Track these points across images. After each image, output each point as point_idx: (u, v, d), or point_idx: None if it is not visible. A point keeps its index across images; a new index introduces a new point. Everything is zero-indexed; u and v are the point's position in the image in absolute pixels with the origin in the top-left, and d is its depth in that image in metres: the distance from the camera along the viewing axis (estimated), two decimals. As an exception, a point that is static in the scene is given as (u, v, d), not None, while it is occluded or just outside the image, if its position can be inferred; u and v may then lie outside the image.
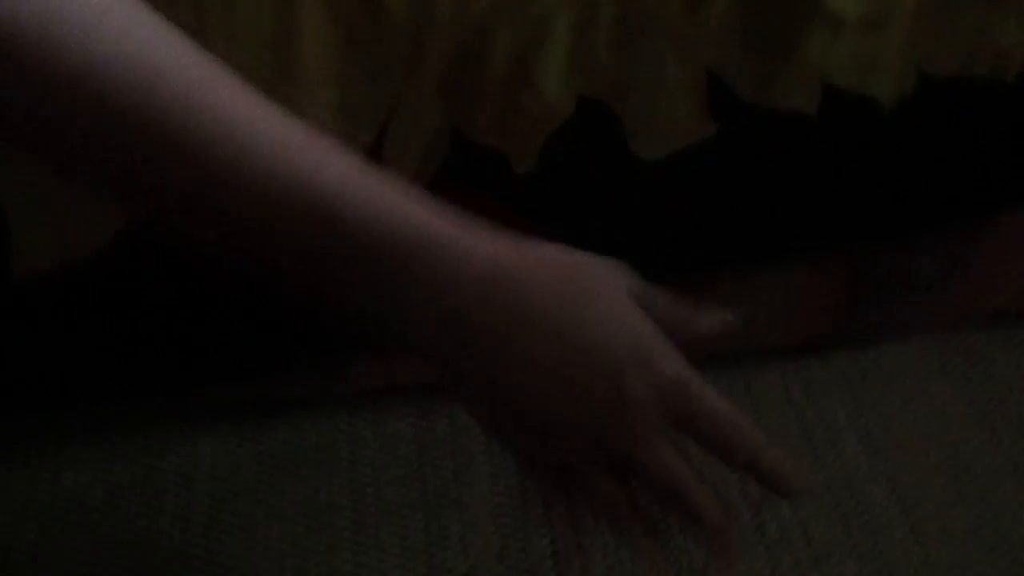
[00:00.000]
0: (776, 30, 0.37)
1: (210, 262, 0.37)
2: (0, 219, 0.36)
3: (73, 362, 0.42)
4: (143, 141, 0.24)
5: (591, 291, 0.28)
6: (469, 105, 0.37)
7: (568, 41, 0.36)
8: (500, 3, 0.34)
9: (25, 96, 0.24)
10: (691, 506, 0.29)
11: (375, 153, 0.37)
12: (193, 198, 0.25)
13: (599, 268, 0.29)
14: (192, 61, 0.25)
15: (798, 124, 0.39)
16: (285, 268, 0.27)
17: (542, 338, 0.27)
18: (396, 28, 0.34)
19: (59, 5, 0.24)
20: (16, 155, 0.32)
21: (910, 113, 0.40)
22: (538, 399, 0.28)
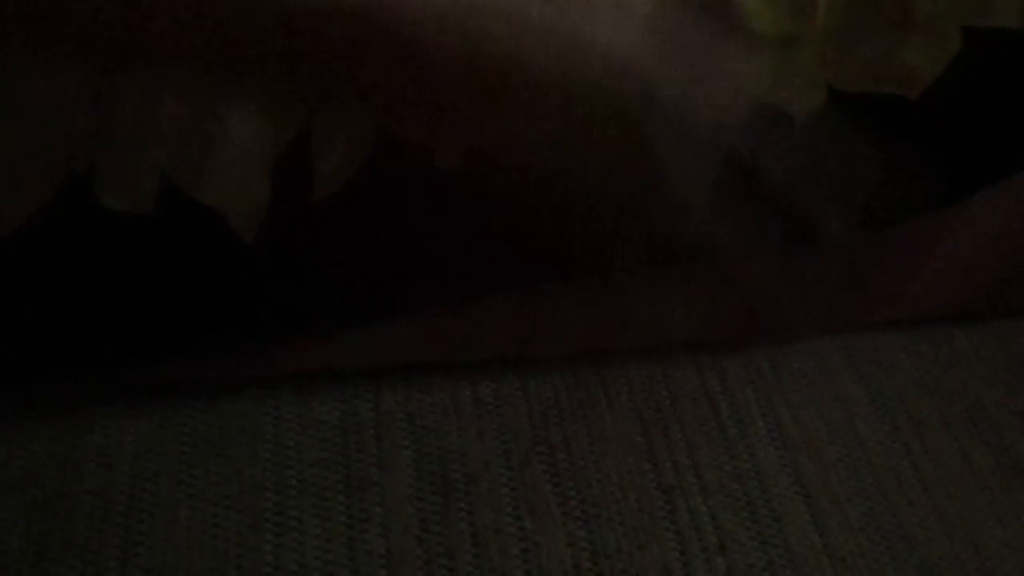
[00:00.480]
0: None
1: (135, 241, 0.38)
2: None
3: (-7, 340, 0.41)
4: None
5: None
6: (395, 101, 0.37)
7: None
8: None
9: None
10: None
11: (302, 145, 0.38)
12: None
13: None
14: None
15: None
16: None
17: None
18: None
19: None
20: None
21: (819, 125, 0.42)
22: None
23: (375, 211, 0.41)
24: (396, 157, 0.40)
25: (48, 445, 0.43)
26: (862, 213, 0.48)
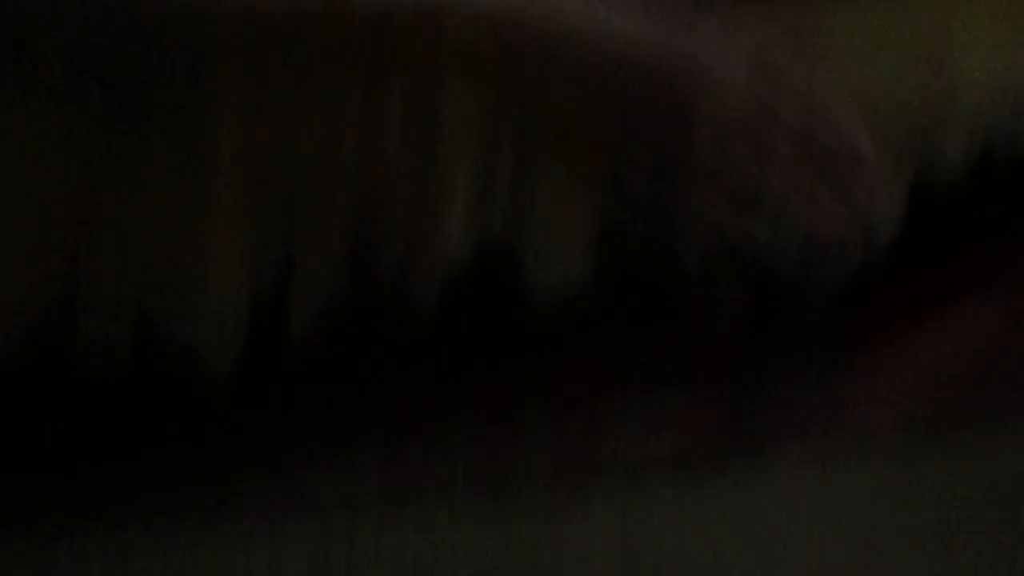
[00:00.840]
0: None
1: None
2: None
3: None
4: None
5: None
6: (373, 244, 0.38)
7: (470, 185, 0.37)
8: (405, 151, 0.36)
9: None
10: None
11: (282, 289, 0.38)
12: None
13: None
14: None
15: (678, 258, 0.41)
16: None
17: None
18: (303, 172, 0.35)
19: None
20: None
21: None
22: None
23: (353, 347, 0.41)
24: (373, 294, 0.40)
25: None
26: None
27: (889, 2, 0.43)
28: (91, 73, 0.32)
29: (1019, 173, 0.44)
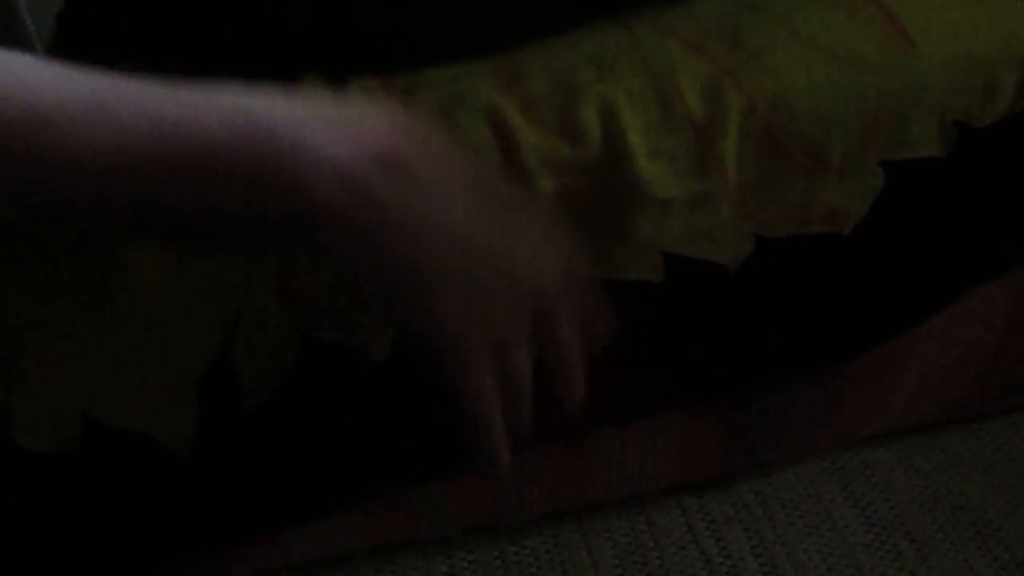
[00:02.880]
0: (607, 211, 0.38)
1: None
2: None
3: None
4: None
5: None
6: (311, 306, 0.37)
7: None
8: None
9: None
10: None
11: (225, 359, 0.37)
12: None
13: None
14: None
15: (645, 289, 0.40)
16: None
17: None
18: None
19: None
20: None
21: (756, 266, 0.41)
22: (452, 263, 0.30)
23: (313, 410, 0.40)
24: (324, 357, 0.39)
25: None
26: (820, 347, 0.46)
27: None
28: None
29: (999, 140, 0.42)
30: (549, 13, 0.39)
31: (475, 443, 0.33)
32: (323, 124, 0.30)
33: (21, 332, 0.35)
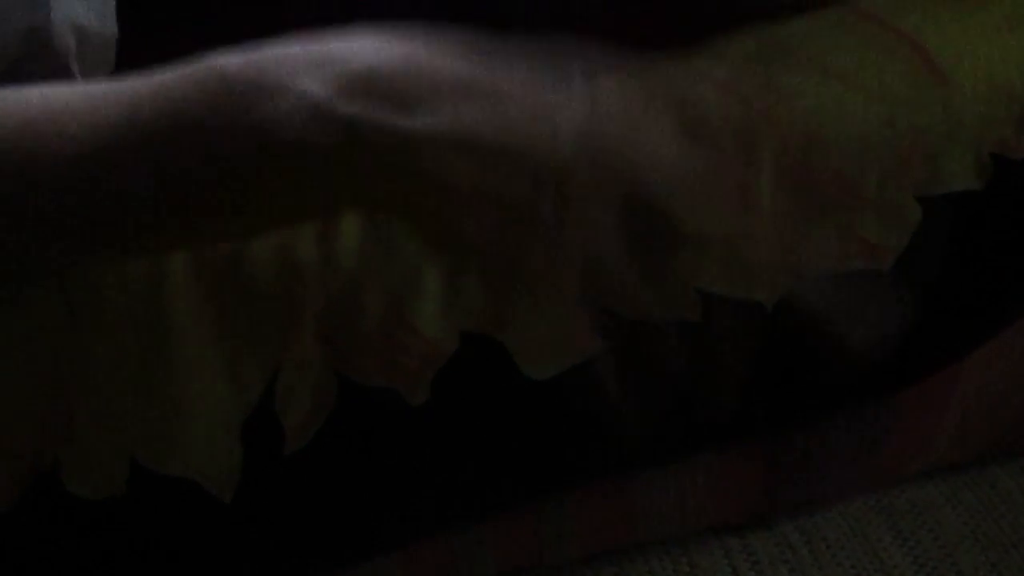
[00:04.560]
0: (644, 252, 0.38)
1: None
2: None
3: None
4: None
5: None
6: (352, 352, 0.37)
7: (442, 283, 0.37)
8: (367, 257, 0.36)
9: None
10: None
11: (268, 405, 0.38)
12: None
13: None
14: None
15: (687, 329, 0.40)
16: None
17: None
18: (267, 292, 0.35)
19: None
20: None
21: (794, 303, 0.41)
22: None
23: (351, 456, 0.41)
24: (365, 401, 0.39)
25: None
26: (862, 384, 0.46)
27: (867, 25, 0.41)
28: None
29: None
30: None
31: None
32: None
33: (71, 377, 0.36)
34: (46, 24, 0.32)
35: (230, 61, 0.30)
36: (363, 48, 0.32)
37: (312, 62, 0.31)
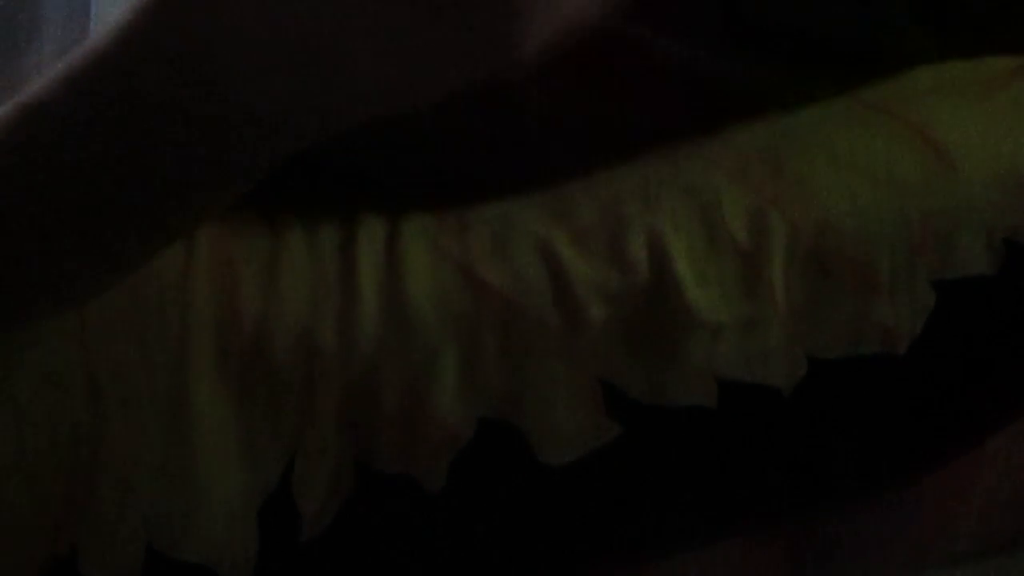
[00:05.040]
0: (657, 338, 0.39)
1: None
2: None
3: None
4: None
5: None
6: (369, 437, 0.38)
7: (458, 368, 0.37)
8: (385, 340, 0.36)
9: None
10: None
11: (284, 490, 0.38)
12: None
13: None
14: None
15: (701, 414, 0.40)
16: None
17: None
18: (285, 375, 0.36)
19: None
20: None
21: (811, 389, 0.41)
22: None
23: (368, 543, 0.41)
24: (382, 488, 0.39)
25: None
26: (883, 468, 0.45)
27: (875, 115, 0.42)
28: None
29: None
30: (597, 151, 0.41)
31: None
32: None
33: (91, 455, 0.36)
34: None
35: None
36: None
37: None
